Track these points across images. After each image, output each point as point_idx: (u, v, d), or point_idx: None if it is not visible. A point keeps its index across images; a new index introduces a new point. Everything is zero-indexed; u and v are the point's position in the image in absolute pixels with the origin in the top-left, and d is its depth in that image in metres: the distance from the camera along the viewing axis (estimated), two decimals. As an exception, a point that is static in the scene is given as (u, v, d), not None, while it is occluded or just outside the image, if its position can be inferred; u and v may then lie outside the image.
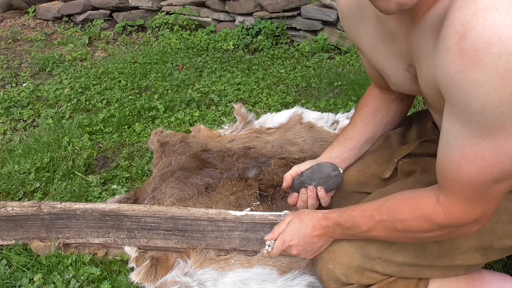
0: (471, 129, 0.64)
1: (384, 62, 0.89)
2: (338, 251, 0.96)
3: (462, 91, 0.61)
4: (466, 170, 0.68)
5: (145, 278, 1.22)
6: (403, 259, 0.92)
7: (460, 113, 0.64)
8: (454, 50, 0.60)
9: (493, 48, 0.55)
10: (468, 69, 0.58)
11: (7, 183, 1.68)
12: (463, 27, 0.58)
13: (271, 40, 3.12)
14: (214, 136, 1.93)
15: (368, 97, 1.15)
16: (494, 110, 0.59)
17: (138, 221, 1.31)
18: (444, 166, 0.73)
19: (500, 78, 0.56)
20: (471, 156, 0.66)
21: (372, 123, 1.13)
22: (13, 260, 1.31)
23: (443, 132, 0.71)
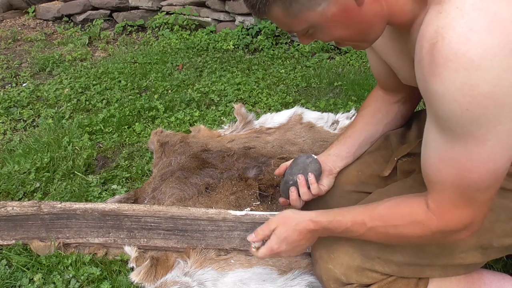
0: (444, 134, 0.69)
1: (393, 58, 0.93)
2: (338, 251, 0.96)
3: (429, 100, 0.68)
4: (446, 173, 0.72)
5: (145, 278, 1.22)
6: (403, 259, 0.92)
7: (434, 119, 0.70)
8: (421, 63, 0.66)
9: (450, 64, 0.61)
10: (430, 81, 0.65)
11: (7, 183, 1.68)
12: (427, 43, 0.65)
13: (271, 40, 3.12)
14: (214, 136, 1.93)
15: (371, 98, 1.17)
16: (458, 118, 0.64)
17: (138, 221, 1.31)
18: (426, 170, 0.77)
19: (458, 89, 0.62)
20: (448, 160, 0.71)
21: (371, 122, 1.14)
22: (13, 260, 1.31)
23: (424, 136, 0.76)
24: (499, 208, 0.88)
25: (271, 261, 1.26)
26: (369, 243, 0.93)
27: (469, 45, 0.60)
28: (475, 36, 0.60)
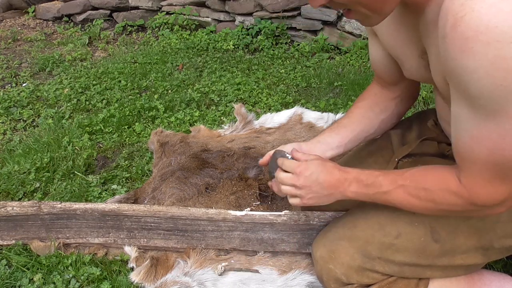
0: (475, 112, 0.67)
1: (399, 49, 0.90)
2: (339, 251, 0.96)
3: (458, 77, 0.65)
4: (479, 151, 0.70)
5: (145, 278, 1.22)
6: (404, 259, 0.92)
7: (463, 97, 0.67)
8: (447, 39, 0.63)
9: (481, 36, 0.58)
10: (459, 57, 0.62)
11: (7, 183, 1.68)
12: (453, 17, 0.61)
13: (271, 40, 3.12)
14: (214, 136, 1.93)
15: (368, 92, 1.14)
16: (491, 94, 0.62)
17: (138, 221, 1.31)
18: (458, 148, 0.75)
19: (491, 64, 0.59)
20: (480, 138, 0.69)
21: (368, 116, 1.11)
22: (13, 260, 1.31)
23: (453, 116, 0.74)
24: None
25: (271, 261, 1.26)
26: (370, 243, 0.93)
27: (501, 16, 0.56)
28: (507, 5, 0.56)
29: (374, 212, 0.97)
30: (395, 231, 0.93)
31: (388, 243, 0.93)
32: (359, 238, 0.95)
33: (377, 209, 0.96)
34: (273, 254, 1.28)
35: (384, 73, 1.07)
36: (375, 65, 1.08)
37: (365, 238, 0.95)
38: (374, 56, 1.06)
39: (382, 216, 0.95)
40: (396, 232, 0.93)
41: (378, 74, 1.10)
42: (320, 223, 1.22)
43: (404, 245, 0.92)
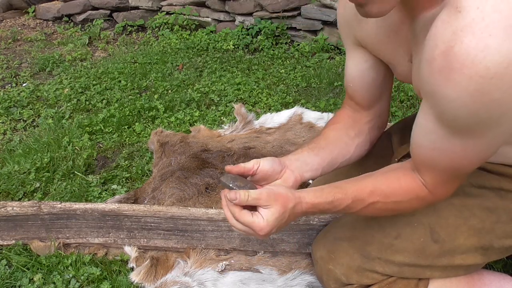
0: (443, 129, 0.71)
1: (390, 54, 0.90)
2: (338, 251, 0.96)
3: (437, 101, 0.67)
4: (439, 160, 0.76)
5: (145, 278, 1.22)
6: (403, 260, 0.92)
7: (434, 115, 0.70)
8: (433, 64, 0.65)
9: (465, 70, 0.60)
10: (443, 85, 0.64)
11: (7, 183, 1.68)
12: (444, 45, 0.62)
13: (271, 40, 3.12)
14: (214, 136, 1.93)
15: (341, 115, 1.08)
16: (465, 120, 0.66)
17: (138, 221, 1.31)
18: (418, 154, 0.79)
19: (470, 96, 0.62)
20: (442, 150, 0.73)
21: (344, 140, 1.02)
22: (13, 260, 1.31)
23: (418, 123, 0.77)
24: (500, 210, 0.88)
25: (271, 261, 1.26)
26: (369, 244, 0.93)
27: (486, 52, 0.58)
28: (494, 42, 0.58)
29: None
30: (394, 232, 0.93)
31: (387, 243, 0.93)
32: (359, 239, 0.96)
33: None
34: (273, 254, 1.28)
35: (361, 92, 1.01)
36: (353, 82, 1.01)
37: (365, 239, 0.95)
38: (354, 72, 1.00)
39: (382, 217, 0.95)
40: (395, 232, 0.93)
41: (352, 95, 1.04)
42: (320, 223, 1.22)
43: (403, 246, 0.92)
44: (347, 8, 0.92)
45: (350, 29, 0.94)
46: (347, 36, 0.97)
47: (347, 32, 0.96)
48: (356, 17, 0.89)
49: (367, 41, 0.92)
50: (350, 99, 1.05)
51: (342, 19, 0.96)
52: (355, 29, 0.92)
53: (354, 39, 0.95)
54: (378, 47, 0.91)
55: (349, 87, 1.03)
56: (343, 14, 0.95)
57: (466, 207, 0.91)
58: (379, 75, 0.99)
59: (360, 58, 0.97)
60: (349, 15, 0.92)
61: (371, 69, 0.97)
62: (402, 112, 2.11)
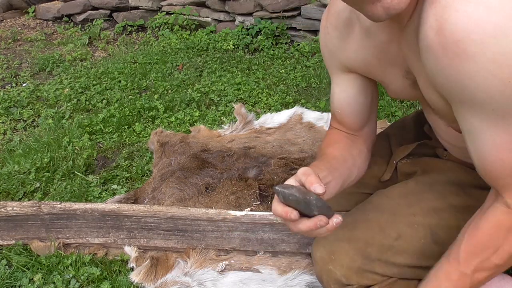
0: (490, 119, 0.60)
1: (381, 74, 0.84)
2: (338, 252, 0.95)
3: (459, 86, 0.58)
4: (511, 159, 0.63)
5: (145, 278, 1.22)
6: (404, 261, 0.92)
7: (470, 108, 0.60)
8: (434, 47, 0.58)
9: (473, 35, 0.53)
10: (455, 62, 0.56)
11: (7, 183, 1.68)
12: (437, 21, 0.56)
13: (271, 40, 3.12)
14: (214, 136, 1.93)
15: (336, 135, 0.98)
16: (502, 93, 0.56)
17: (138, 221, 1.31)
18: (487, 168, 0.67)
19: (492, 61, 0.54)
20: (506, 144, 0.62)
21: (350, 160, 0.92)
22: (13, 260, 1.31)
23: (466, 135, 0.66)
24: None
25: (271, 261, 1.26)
26: (370, 245, 0.93)
27: (490, 11, 0.52)
28: (494, 1, 0.51)
29: (374, 214, 0.96)
30: (395, 233, 0.93)
31: (388, 245, 0.92)
32: (359, 240, 0.95)
33: (376, 210, 0.96)
34: (273, 254, 1.28)
35: (350, 117, 0.95)
36: (342, 108, 0.95)
37: (365, 240, 0.95)
38: (342, 98, 0.94)
39: (382, 218, 0.95)
40: (396, 234, 0.93)
41: (341, 121, 0.97)
42: (320, 223, 1.22)
43: (404, 247, 0.92)
44: (329, 35, 0.88)
45: (335, 56, 0.89)
46: (332, 64, 0.92)
47: (331, 60, 0.91)
48: (340, 43, 0.86)
49: (354, 65, 0.87)
50: (339, 124, 0.99)
51: (325, 48, 0.92)
52: (339, 55, 0.88)
53: (340, 66, 0.90)
54: (367, 69, 0.86)
55: (337, 113, 0.97)
56: (325, 42, 0.90)
57: (467, 209, 0.91)
58: (367, 98, 0.94)
59: (347, 85, 0.92)
60: (332, 43, 0.88)
61: (359, 94, 0.93)
62: (402, 112, 2.11)
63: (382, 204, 0.96)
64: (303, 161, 1.67)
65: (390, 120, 2.03)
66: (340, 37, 0.85)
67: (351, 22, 0.82)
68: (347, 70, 0.89)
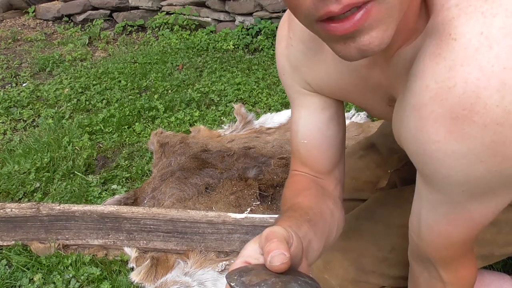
0: (454, 197, 0.55)
1: (360, 100, 0.70)
2: (333, 262, 0.94)
3: (438, 162, 0.51)
4: (457, 234, 0.60)
5: (145, 278, 1.22)
6: (399, 273, 0.90)
7: (438, 184, 0.54)
8: (424, 114, 0.49)
9: (477, 117, 0.45)
10: (445, 140, 0.48)
11: (7, 183, 1.68)
12: (437, 85, 0.46)
13: (271, 40, 3.12)
14: (214, 136, 1.93)
15: (303, 180, 0.78)
16: (482, 179, 0.50)
17: (138, 223, 1.31)
18: (432, 238, 0.62)
19: (487, 149, 0.46)
20: (459, 221, 0.58)
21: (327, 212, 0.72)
22: (13, 260, 1.31)
23: (420, 200, 0.61)
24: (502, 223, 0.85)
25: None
26: (364, 256, 0.92)
27: (504, 92, 0.42)
28: (510, 76, 0.42)
29: (368, 224, 0.95)
30: (389, 245, 0.91)
31: (382, 257, 0.91)
32: (353, 250, 0.94)
33: (370, 220, 0.95)
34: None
35: (319, 151, 0.76)
36: (309, 138, 0.76)
37: (359, 251, 0.93)
38: (309, 125, 0.75)
39: (376, 229, 0.93)
40: (390, 246, 0.90)
41: (306, 158, 0.77)
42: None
43: (398, 259, 0.89)
44: (292, 48, 0.71)
45: (300, 73, 0.72)
46: (295, 82, 0.74)
47: (294, 77, 0.74)
48: (306, 60, 0.70)
49: (324, 88, 0.71)
50: (303, 165, 0.78)
51: (285, 62, 0.73)
52: (305, 73, 0.71)
53: (303, 84, 0.73)
54: (342, 94, 0.71)
55: (302, 146, 0.76)
56: (287, 55, 0.72)
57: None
58: (340, 126, 0.76)
59: (316, 108, 0.74)
60: (296, 57, 0.71)
61: (330, 121, 0.75)
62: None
63: (376, 213, 0.94)
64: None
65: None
66: (307, 53, 0.69)
67: (320, 39, 0.67)
68: (313, 90, 0.73)
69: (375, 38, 0.44)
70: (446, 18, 0.46)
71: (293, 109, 0.77)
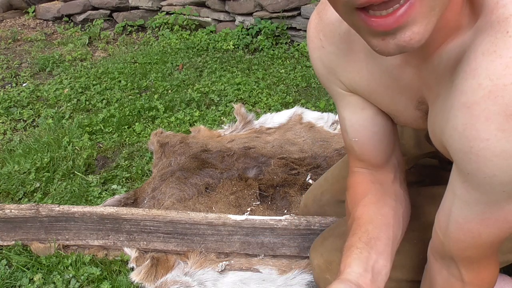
0: (493, 197, 0.54)
1: (389, 103, 0.70)
2: (335, 262, 0.93)
3: (484, 161, 0.50)
4: (487, 234, 0.59)
5: (145, 278, 1.22)
6: (401, 276, 0.89)
7: (479, 182, 0.53)
8: (475, 112, 0.48)
9: None
10: (495, 138, 0.47)
11: (7, 183, 1.68)
12: (492, 82, 0.45)
13: (271, 40, 3.12)
14: (214, 136, 1.93)
15: (360, 183, 0.81)
16: None
17: (137, 224, 1.31)
18: (459, 236, 0.61)
19: None
20: (492, 221, 0.57)
21: (390, 215, 0.76)
22: (13, 260, 1.31)
23: (453, 198, 0.60)
24: None
25: (271, 261, 1.26)
26: None
27: None
28: None
29: None
30: None
31: None
32: None
33: None
34: (273, 256, 1.28)
35: (371, 145, 0.78)
36: (358, 135, 0.77)
37: None
38: (356, 123, 0.76)
39: None
40: None
41: (361, 154, 0.80)
42: (321, 228, 1.21)
43: (402, 263, 0.89)
44: (324, 50, 0.71)
45: (335, 75, 0.73)
46: (332, 83, 0.75)
47: (331, 79, 0.75)
48: (339, 61, 0.70)
49: (357, 89, 0.72)
50: (360, 160, 0.81)
51: (320, 64, 0.74)
52: (340, 74, 0.72)
53: (340, 85, 0.75)
54: (372, 96, 0.71)
55: (354, 143, 0.78)
56: (320, 57, 0.73)
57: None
58: (387, 120, 0.77)
59: (358, 106, 0.75)
60: (329, 59, 0.72)
61: (376, 116, 0.76)
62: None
63: None
64: (303, 161, 1.67)
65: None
66: (338, 54, 0.70)
67: (350, 38, 0.67)
68: (349, 90, 0.74)
69: (417, 33, 0.43)
70: (503, 15, 0.45)
71: (338, 108, 0.79)
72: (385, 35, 0.44)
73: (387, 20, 0.42)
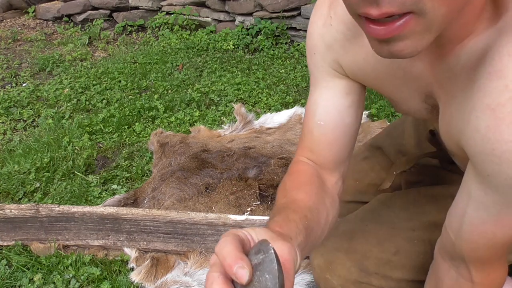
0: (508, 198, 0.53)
1: (393, 91, 0.69)
2: (336, 263, 0.94)
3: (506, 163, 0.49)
4: (502, 236, 0.58)
5: (145, 278, 1.22)
6: (402, 276, 0.89)
7: (498, 184, 0.52)
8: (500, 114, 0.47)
9: None
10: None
11: (7, 183, 1.68)
12: None
13: (271, 40, 3.12)
14: (214, 136, 1.93)
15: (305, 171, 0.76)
16: None
17: (137, 225, 1.31)
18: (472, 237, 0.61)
19: None
20: (508, 222, 0.57)
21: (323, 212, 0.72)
22: (13, 260, 1.31)
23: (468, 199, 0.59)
24: None
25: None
26: (367, 258, 0.92)
27: None
28: None
29: (373, 226, 0.94)
30: (393, 248, 0.90)
31: (385, 259, 0.91)
32: (357, 252, 0.93)
33: (376, 221, 0.94)
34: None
35: (331, 138, 0.74)
36: (326, 120, 0.73)
37: (363, 252, 0.93)
38: (329, 107, 0.73)
39: (381, 231, 0.93)
40: (394, 248, 0.90)
41: (317, 144, 0.75)
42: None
43: (402, 262, 0.89)
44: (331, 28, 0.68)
45: (333, 53, 0.70)
46: (324, 62, 0.72)
47: (326, 57, 0.71)
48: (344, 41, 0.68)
49: (358, 73, 0.70)
50: (311, 152, 0.76)
51: (319, 40, 0.71)
52: (340, 55, 0.69)
53: (334, 66, 0.71)
54: (376, 82, 0.69)
55: (317, 127, 0.74)
56: (322, 33, 0.70)
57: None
58: (357, 116, 0.74)
59: (340, 91, 0.72)
60: (334, 36, 0.69)
61: (351, 108, 0.73)
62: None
63: (381, 215, 0.94)
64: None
65: (390, 120, 2.03)
66: (346, 34, 0.67)
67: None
68: (343, 73, 0.72)
69: (409, 46, 0.44)
70: None
71: (314, 90, 0.75)
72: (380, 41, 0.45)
73: (381, 30, 0.43)
